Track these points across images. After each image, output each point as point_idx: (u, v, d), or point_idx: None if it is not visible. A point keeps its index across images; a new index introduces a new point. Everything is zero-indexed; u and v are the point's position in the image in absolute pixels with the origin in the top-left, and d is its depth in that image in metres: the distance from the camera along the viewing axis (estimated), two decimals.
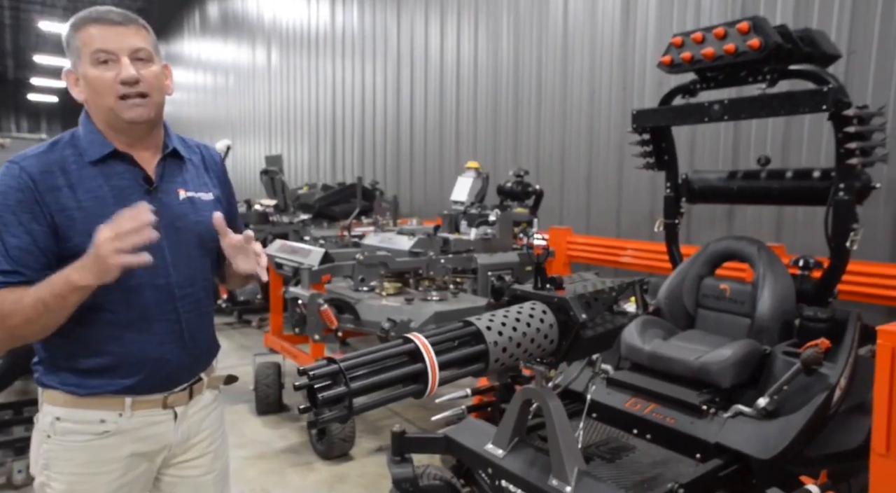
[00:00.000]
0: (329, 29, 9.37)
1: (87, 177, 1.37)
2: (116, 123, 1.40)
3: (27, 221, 1.31)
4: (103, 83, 1.36)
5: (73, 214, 1.34)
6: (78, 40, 1.37)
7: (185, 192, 1.51)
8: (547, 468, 2.07)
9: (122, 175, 1.42)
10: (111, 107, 1.37)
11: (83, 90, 1.40)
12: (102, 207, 1.35)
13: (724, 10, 4.11)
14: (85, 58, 1.37)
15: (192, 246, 1.51)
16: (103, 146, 1.40)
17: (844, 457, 2.15)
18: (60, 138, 1.42)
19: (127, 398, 1.45)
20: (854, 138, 2.28)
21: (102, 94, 1.37)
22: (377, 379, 1.61)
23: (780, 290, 2.52)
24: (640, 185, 4.74)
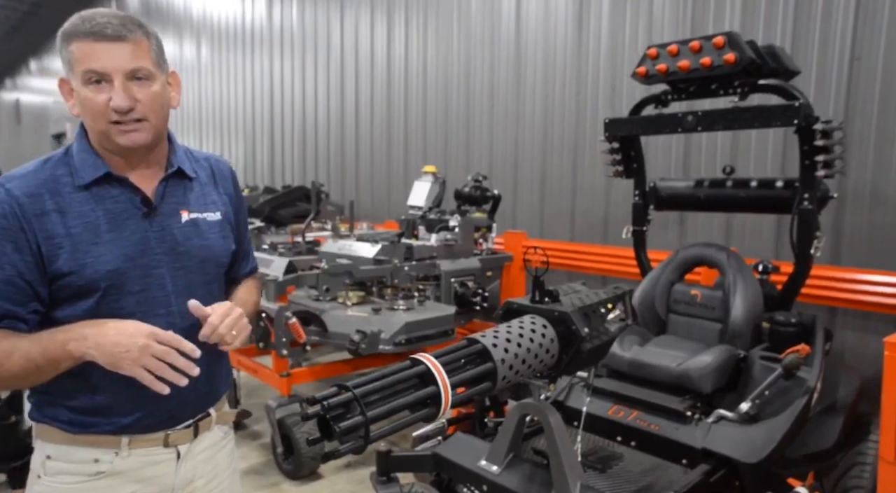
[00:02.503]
0: (266, 24, 9.01)
1: (78, 200, 1.26)
2: (110, 146, 1.29)
3: (10, 251, 1.20)
4: (95, 106, 1.24)
5: (62, 242, 1.23)
6: (68, 53, 1.24)
7: (188, 213, 1.40)
8: (546, 482, 2.05)
9: (116, 199, 1.31)
10: (103, 130, 1.26)
11: (76, 105, 1.28)
12: (94, 234, 1.26)
13: (675, 20, 4.25)
14: (76, 74, 1.24)
15: (195, 272, 1.41)
16: (96, 168, 1.28)
17: (820, 457, 2.26)
18: (53, 156, 1.30)
19: (124, 438, 1.34)
20: (820, 151, 2.40)
21: (94, 117, 1.26)
22: (392, 406, 1.52)
23: (751, 296, 2.62)
24: (594, 189, 4.83)
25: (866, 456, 2.40)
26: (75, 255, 1.22)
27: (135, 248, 1.30)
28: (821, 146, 2.38)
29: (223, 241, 1.48)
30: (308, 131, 8.19)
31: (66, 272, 1.22)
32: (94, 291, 1.25)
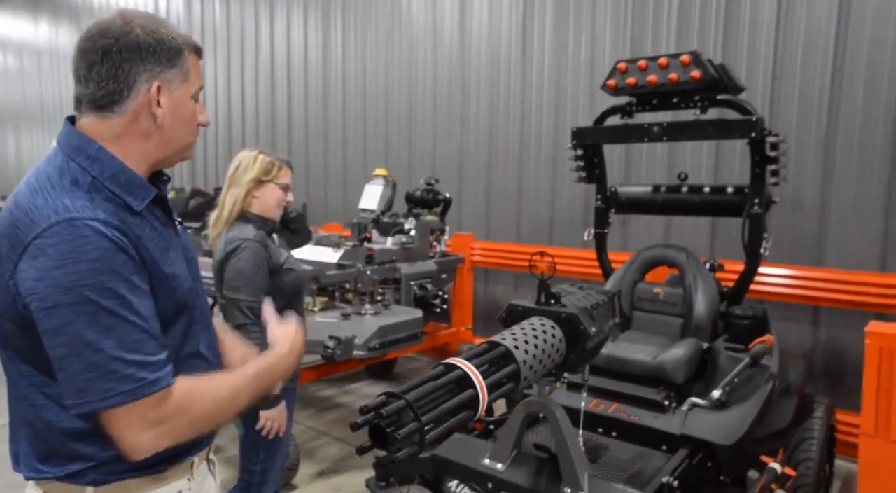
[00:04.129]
0: (185, 18, 8.54)
1: (138, 225, 1.15)
2: (173, 159, 1.27)
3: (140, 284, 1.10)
4: (194, 121, 1.25)
5: (157, 270, 1.15)
6: (189, 64, 1.21)
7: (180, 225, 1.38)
8: (553, 475, 2.14)
9: (158, 218, 1.24)
10: (187, 144, 1.26)
11: (170, 115, 1.18)
12: (166, 254, 1.20)
13: (616, 34, 4.52)
14: (190, 87, 1.22)
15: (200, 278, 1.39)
16: (146, 189, 1.19)
17: (780, 434, 2.52)
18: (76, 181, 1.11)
19: (195, 458, 1.28)
20: (772, 161, 2.68)
21: (191, 130, 1.25)
22: (440, 410, 1.55)
23: (710, 292, 2.87)
24: (539, 193, 5.03)
25: (813, 431, 2.71)
26: (168, 280, 1.17)
27: (185, 263, 1.28)
28: (771, 157, 2.66)
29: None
30: (234, 131, 7.87)
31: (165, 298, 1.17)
32: (185, 311, 1.23)
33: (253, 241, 2.21)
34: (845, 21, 3.59)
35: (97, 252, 1.03)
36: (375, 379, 4.91)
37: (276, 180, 2.31)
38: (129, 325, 1.05)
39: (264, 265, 2.23)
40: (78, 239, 1.02)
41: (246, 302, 2.18)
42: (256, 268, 2.20)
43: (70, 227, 1.03)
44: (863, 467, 1.95)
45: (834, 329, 3.71)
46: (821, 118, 3.69)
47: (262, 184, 2.29)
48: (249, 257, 2.19)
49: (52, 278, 1.01)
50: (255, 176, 2.28)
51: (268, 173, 2.30)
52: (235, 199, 2.27)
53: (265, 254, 2.23)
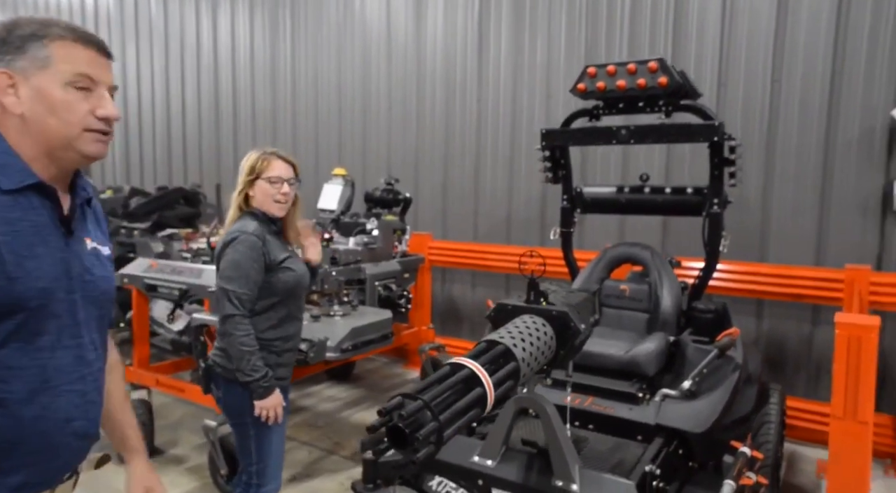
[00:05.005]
0: (115, 9, 8.07)
1: (3, 205, 1.13)
2: (63, 154, 1.20)
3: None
4: (75, 111, 1.18)
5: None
6: (49, 51, 1.16)
7: (90, 241, 1.31)
8: (543, 469, 2.19)
9: (38, 211, 1.18)
10: (72, 136, 1.18)
11: (26, 102, 1.15)
12: (24, 245, 1.13)
13: (571, 39, 4.65)
14: (58, 75, 1.16)
15: (98, 304, 1.30)
16: (25, 174, 1.16)
17: (744, 421, 2.69)
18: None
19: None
20: (730, 164, 2.84)
21: (69, 121, 1.18)
22: (454, 409, 1.57)
23: (674, 288, 3.01)
24: (496, 192, 5.10)
25: (770, 416, 2.91)
26: (5, 267, 1.09)
27: (58, 267, 1.19)
28: (730, 160, 2.82)
29: (113, 277, 1.41)
30: (174, 128, 7.51)
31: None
32: (22, 310, 1.13)
33: (251, 234, 2.20)
34: (781, 36, 3.86)
35: None
36: (335, 382, 4.84)
37: (263, 175, 2.26)
38: None
39: (260, 259, 2.20)
40: None
41: (236, 293, 2.17)
42: (251, 261, 2.18)
43: None
44: (833, 446, 2.11)
45: (776, 320, 3.98)
46: (762, 124, 3.95)
47: (254, 182, 2.26)
48: (244, 249, 2.18)
49: None
50: (245, 175, 2.27)
51: (254, 170, 2.27)
52: (233, 200, 2.31)
53: (261, 248, 2.20)
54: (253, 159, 2.28)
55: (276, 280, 2.25)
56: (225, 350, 2.23)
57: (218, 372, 2.29)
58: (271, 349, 2.28)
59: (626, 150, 4.42)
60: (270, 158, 2.29)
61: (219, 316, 2.25)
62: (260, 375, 2.18)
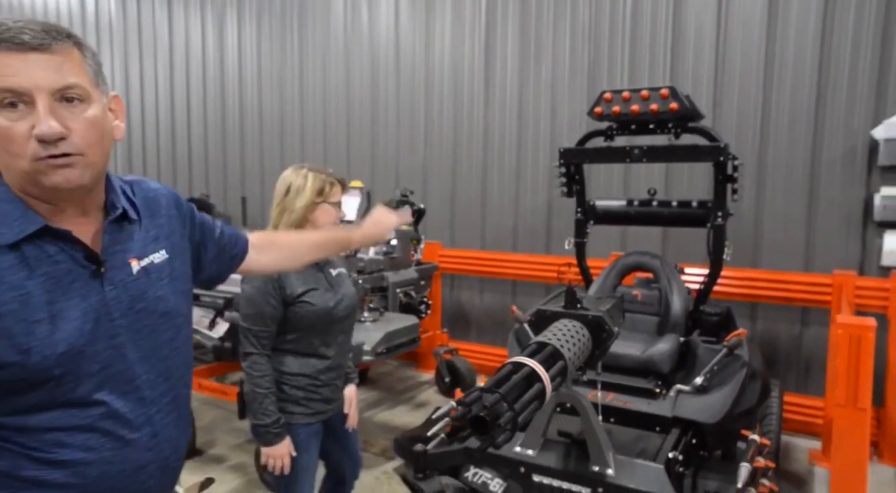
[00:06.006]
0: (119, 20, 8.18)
1: (5, 267, 0.96)
2: (36, 190, 1.00)
3: None
4: (12, 138, 0.94)
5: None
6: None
7: (137, 262, 1.13)
8: (580, 457, 2.46)
9: (55, 259, 1.01)
10: (27, 170, 0.96)
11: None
12: (34, 309, 0.97)
13: (574, 60, 4.94)
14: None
15: (158, 331, 1.15)
16: (26, 221, 0.98)
17: (750, 412, 2.98)
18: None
19: None
20: (733, 181, 3.15)
21: (14, 152, 0.95)
22: (523, 401, 1.82)
23: (683, 293, 3.30)
24: (502, 201, 5.37)
25: (772, 408, 3.21)
26: (14, 340, 0.94)
27: (88, 318, 1.02)
28: (733, 177, 3.13)
29: (174, 283, 1.21)
30: (179, 139, 7.65)
31: (2, 364, 0.94)
32: (44, 382, 0.98)
33: None
34: (771, 61, 4.20)
35: None
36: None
37: (331, 198, 2.17)
38: None
39: (276, 294, 2.04)
40: None
41: (252, 331, 2.05)
42: (266, 296, 2.03)
43: None
44: (836, 430, 2.40)
45: (769, 322, 4.31)
46: (754, 142, 4.28)
47: (316, 205, 2.14)
48: (259, 283, 2.05)
49: None
50: (309, 199, 2.13)
51: (321, 193, 2.15)
52: (294, 222, 2.12)
53: (276, 282, 2.04)
54: (320, 181, 2.16)
55: (293, 315, 2.08)
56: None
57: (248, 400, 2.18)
58: (293, 384, 2.11)
59: (628, 167, 4.72)
60: (336, 181, 2.21)
61: (240, 353, 2.11)
62: (270, 420, 2.02)
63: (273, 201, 2.22)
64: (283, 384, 2.10)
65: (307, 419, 2.14)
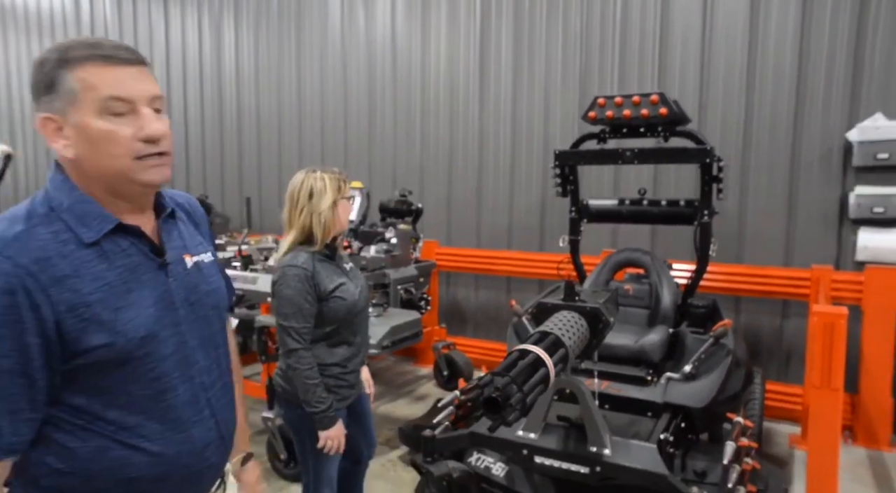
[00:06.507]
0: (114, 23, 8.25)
1: (87, 260, 1.07)
2: (125, 187, 1.13)
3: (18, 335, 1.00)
4: (118, 140, 1.07)
5: (85, 313, 1.05)
6: (74, 81, 1.05)
7: (190, 257, 1.26)
8: (579, 439, 2.65)
9: (127, 252, 1.13)
10: (124, 169, 1.10)
11: (74, 144, 1.08)
12: (117, 297, 1.09)
13: (567, 64, 5.14)
14: (88, 105, 1.06)
15: (209, 321, 1.28)
16: (103, 220, 1.11)
17: (735, 397, 3.19)
18: (32, 211, 1.08)
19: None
20: (718, 181, 3.35)
21: (115, 153, 1.08)
22: (531, 383, 2.00)
23: (672, 287, 3.50)
24: (497, 201, 5.55)
25: (755, 393, 3.42)
26: (104, 325, 1.06)
27: (160, 305, 1.15)
28: (719, 178, 3.33)
29: (221, 282, 1.35)
30: (176, 142, 7.73)
31: (95, 346, 1.06)
32: (128, 362, 1.10)
33: (300, 267, 2.21)
34: (753, 66, 4.42)
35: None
36: None
37: (345, 195, 2.34)
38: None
39: (311, 291, 2.21)
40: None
41: (294, 328, 2.21)
42: (304, 294, 2.20)
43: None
44: (812, 410, 2.61)
45: (751, 315, 4.54)
46: (738, 143, 4.50)
47: (337, 203, 2.30)
48: (296, 283, 2.20)
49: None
50: (332, 198, 2.27)
51: (340, 191, 2.31)
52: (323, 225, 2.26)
53: (311, 280, 2.21)
54: (335, 180, 2.30)
55: (328, 310, 2.25)
56: (287, 374, 2.28)
57: (279, 392, 2.38)
58: (327, 374, 2.29)
59: (619, 167, 4.92)
60: (343, 177, 2.35)
61: (282, 351, 2.26)
62: (325, 406, 2.21)
63: (291, 207, 2.32)
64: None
65: (337, 404, 2.31)
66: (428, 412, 3.84)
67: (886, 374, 3.86)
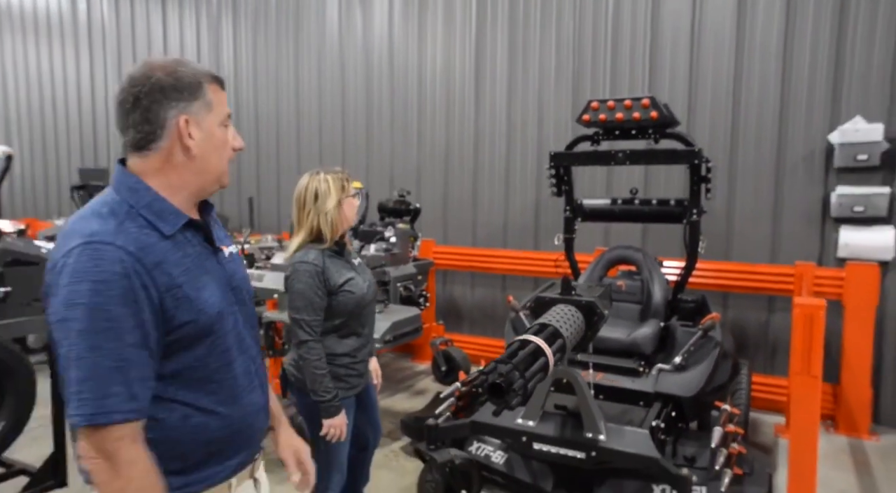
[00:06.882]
0: (112, 23, 8.31)
1: (168, 250, 1.23)
2: (212, 186, 1.35)
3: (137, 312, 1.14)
4: (226, 147, 1.33)
5: (177, 293, 1.21)
6: (211, 94, 1.29)
7: (226, 248, 1.43)
8: (574, 426, 2.79)
9: (191, 242, 1.30)
10: (221, 171, 1.35)
11: (201, 145, 1.28)
12: (194, 279, 1.26)
13: (560, 68, 5.29)
14: (216, 116, 1.30)
15: (248, 306, 1.45)
16: (178, 216, 1.27)
17: (722, 387, 3.35)
18: (113, 209, 1.22)
19: (233, 480, 1.36)
20: (707, 181, 3.51)
21: (223, 157, 1.33)
22: (531, 371, 2.14)
23: (663, 283, 3.66)
24: (493, 201, 5.69)
25: (742, 384, 3.59)
26: (190, 303, 1.22)
27: (221, 287, 1.32)
28: (707, 178, 3.49)
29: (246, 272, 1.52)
30: None
31: (185, 321, 1.22)
32: (208, 335, 1.26)
33: (311, 263, 2.34)
34: (740, 70, 4.59)
35: (102, 275, 1.11)
36: None
37: (350, 193, 2.49)
38: (110, 351, 1.10)
39: (322, 286, 2.35)
40: (89, 261, 1.11)
41: (305, 321, 2.33)
42: (314, 288, 2.34)
43: (87, 249, 1.12)
44: (793, 395, 2.77)
45: (738, 310, 4.71)
46: (725, 145, 4.67)
47: (342, 202, 2.44)
48: (307, 278, 2.33)
49: (62, 294, 1.11)
50: (337, 198, 2.41)
51: (343, 190, 2.45)
52: (330, 224, 2.40)
53: (321, 275, 2.35)
54: (338, 180, 2.44)
55: (337, 303, 2.39)
56: (299, 363, 2.40)
57: (291, 380, 2.49)
58: (338, 363, 2.42)
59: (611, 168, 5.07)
60: (346, 175, 2.49)
61: (294, 342, 2.40)
62: (330, 396, 2.33)
63: (299, 209, 2.45)
64: (328, 364, 2.39)
65: (346, 393, 2.45)
66: (428, 404, 3.97)
67: (866, 365, 4.04)
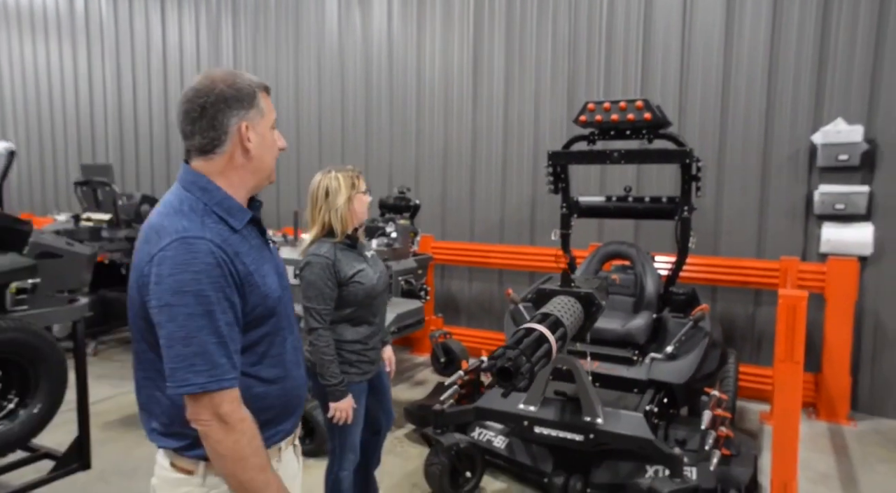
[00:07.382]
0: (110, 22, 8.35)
1: (238, 242, 1.39)
2: (263, 183, 1.50)
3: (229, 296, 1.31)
4: (275, 148, 1.49)
5: (251, 279, 1.38)
6: (262, 102, 1.44)
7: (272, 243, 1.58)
8: (574, 411, 2.97)
9: (252, 235, 1.46)
10: (271, 169, 1.50)
11: (257, 147, 1.43)
12: (260, 267, 1.41)
13: (556, 69, 5.45)
14: (267, 120, 1.45)
15: (289, 291, 1.58)
16: (244, 212, 1.43)
17: (711, 375, 3.54)
18: (191, 206, 1.37)
19: (282, 443, 1.51)
20: (697, 180, 3.69)
21: (273, 156, 1.49)
22: (536, 356, 2.30)
23: (656, 277, 3.84)
24: (490, 197, 5.85)
25: (729, 372, 3.78)
26: (258, 289, 1.37)
27: (276, 274, 1.47)
28: (698, 177, 3.67)
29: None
30: (174, 135, 7.90)
31: (256, 304, 1.38)
32: (271, 316, 1.43)
33: (322, 256, 2.48)
34: (728, 73, 4.78)
35: (201, 266, 1.28)
36: None
37: (360, 189, 2.60)
38: (213, 329, 1.27)
39: (332, 277, 2.49)
40: (187, 253, 1.28)
41: (316, 310, 2.48)
42: (325, 280, 2.48)
43: (184, 243, 1.29)
44: (777, 381, 2.96)
45: (727, 303, 4.91)
46: (714, 145, 4.86)
47: (352, 198, 2.56)
48: (318, 270, 2.48)
49: (166, 283, 1.26)
50: (347, 195, 2.54)
51: (353, 187, 2.57)
52: (341, 219, 2.53)
53: (332, 267, 2.49)
54: (348, 177, 2.57)
55: (347, 294, 2.52)
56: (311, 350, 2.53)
57: (308, 366, 2.49)
58: (349, 350, 2.56)
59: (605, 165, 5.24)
60: (359, 173, 2.63)
61: (305, 329, 2.50)
62: (336, 381, 2.48)
63: (312, 206, 2.60)
64: (341, 350, 2.54)
65: (358, 378, 2.60)
66: (430, 393, 4.13)
67: (845, 355, 4.25)
